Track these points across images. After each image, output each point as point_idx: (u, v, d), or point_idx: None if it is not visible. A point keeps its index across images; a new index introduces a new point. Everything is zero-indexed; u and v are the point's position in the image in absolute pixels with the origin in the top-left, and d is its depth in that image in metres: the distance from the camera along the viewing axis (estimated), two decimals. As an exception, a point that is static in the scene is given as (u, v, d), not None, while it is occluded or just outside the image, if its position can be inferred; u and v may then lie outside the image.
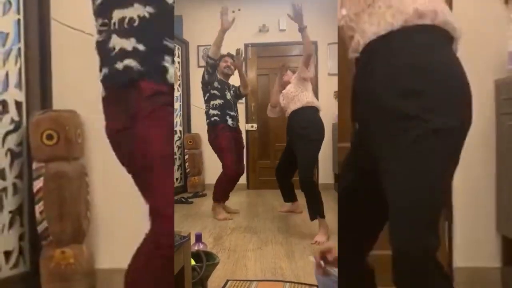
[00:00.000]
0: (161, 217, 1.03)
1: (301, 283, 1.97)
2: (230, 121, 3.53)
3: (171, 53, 1.11)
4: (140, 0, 1.06)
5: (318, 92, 5.00)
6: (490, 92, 1.78)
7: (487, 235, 1.77)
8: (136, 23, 1.06)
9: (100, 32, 1.11)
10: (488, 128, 1.78)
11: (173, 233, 1.05)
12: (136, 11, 1.06)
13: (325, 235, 2.74)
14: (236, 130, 3.63)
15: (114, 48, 1.06)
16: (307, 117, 2.98)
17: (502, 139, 1.76)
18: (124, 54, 1.05)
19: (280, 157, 3.53)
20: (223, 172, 3.54)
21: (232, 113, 3.56)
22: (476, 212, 1.78)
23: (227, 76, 3.67)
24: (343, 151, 1.96)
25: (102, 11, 1.10)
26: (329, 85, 5.04)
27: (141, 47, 1.05)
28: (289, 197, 3.63)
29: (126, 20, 1.06)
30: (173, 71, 1.10)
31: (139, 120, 1.04)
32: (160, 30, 1.09)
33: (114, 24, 1.07)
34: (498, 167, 1.78)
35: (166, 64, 1.08)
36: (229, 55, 3.68)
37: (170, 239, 1.03)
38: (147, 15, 1.06)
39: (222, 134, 3.48)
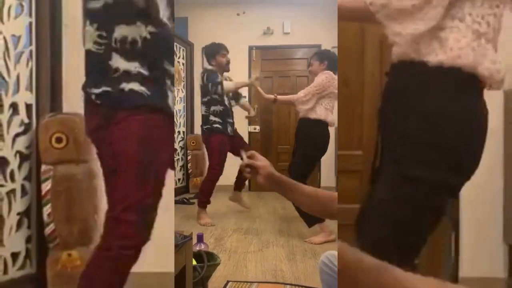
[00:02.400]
0: (116, 221, 1.04)
1: (302, 286, 1.97)
2: (229, 129, 3.48)
3: (172, 77, 1.11)
4: (142, 18, 1.03)
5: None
6: (499, 101, 1.79)
7: (494, 246, 1.78)
8: (139, 45, 1.04)
9: (97, 43, 1.05)
10: (496, 138, 1.78)
11: (129, 237, 1.04)
12: (138, 31, 1.04)
13: (324, 238, 2.77)
14: (234, 136, 3.56)
15: (117, 69, 1.04)
16: (308, 130, 3.02)
17: (510, 148, 1.77)
18: (128, 76, 1.04)
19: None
20: (207, 173, 3.50)
21: (231, 121, 3.52)
22: (483, 222, 1.79)
23: (225, 71, 3.55)
24: (343, 159, 1.96)
25: (100, 19, 1.05)
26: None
27: (145, 71, 1.04)
28: None
29: (129, 40, 1.03)
30: (173, 96, 1.11)
31: (114, 123, 1.04)
32: (162, 52, 1.08)
33: (115, 40, 1.03)
34: (506, 177, 1.79)
35: (167, 90, 1.09)
36: (224, 48, 3.55)
37: (123, 241, 1.03)
38: (148, 36, 1.04)
39: (216, 137, 3.44)
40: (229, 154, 3.50)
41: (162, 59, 1.08)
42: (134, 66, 1.04)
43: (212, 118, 3.42)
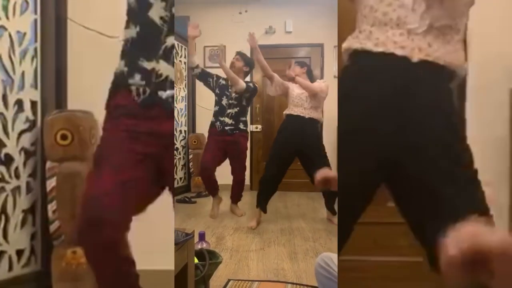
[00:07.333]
0: None
1: (303, 285, 1.97)
2: (218, 125, 3.52)
3: (145, 72, 1.11)
4: (134, 21, 1.11)
5: (323, 94, 5.01)
6: (505, 100, 1.77)
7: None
8: (128, 45, 1.13)
9: None
10: (502, 137, 1.77)
11: None
12: (129, 33, 1.12)
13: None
14: (225, 134, 3.50)
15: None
16: (318, 132, 3.45)
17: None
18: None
19: None
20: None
21: (222, 119, 3.51)
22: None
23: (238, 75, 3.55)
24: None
25: None
26: (335, 87, 5.03)
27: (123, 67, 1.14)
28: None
29: (124, 42, 1.14)
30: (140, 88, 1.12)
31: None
32: (141, 51, 1.12)
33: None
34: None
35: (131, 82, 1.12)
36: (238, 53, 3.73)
37: None
38: (135, 35, 1.11)
39: (208, 136, 3.66)
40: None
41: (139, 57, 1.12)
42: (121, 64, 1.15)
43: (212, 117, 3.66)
